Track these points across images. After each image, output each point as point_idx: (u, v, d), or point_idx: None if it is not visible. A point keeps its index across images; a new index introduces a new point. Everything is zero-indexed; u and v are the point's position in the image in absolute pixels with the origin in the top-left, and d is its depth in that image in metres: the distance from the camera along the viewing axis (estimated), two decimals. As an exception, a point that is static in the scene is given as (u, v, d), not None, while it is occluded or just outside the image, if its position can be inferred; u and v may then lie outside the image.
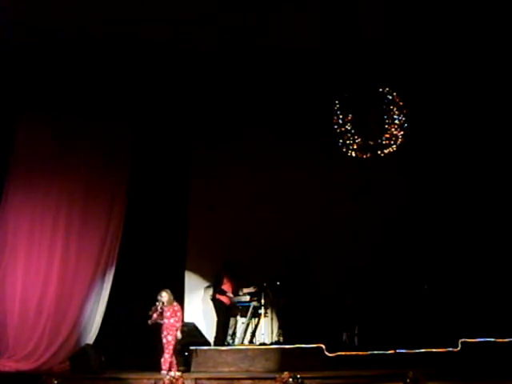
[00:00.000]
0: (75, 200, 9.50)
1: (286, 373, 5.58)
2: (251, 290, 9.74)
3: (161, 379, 7.77)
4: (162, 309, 8.58)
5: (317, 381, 7.42)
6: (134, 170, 10.06)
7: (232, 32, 8.30)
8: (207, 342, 9.40)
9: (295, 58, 8.90)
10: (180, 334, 8.55)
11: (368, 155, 8.62)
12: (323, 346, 8.48)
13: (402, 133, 8.50)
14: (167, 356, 8.57)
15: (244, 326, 9.71)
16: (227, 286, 9.81)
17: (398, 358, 8.22)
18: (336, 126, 8.65)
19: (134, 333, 9.67)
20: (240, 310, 9.94)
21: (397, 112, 8.47)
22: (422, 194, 10.14)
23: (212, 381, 8.02)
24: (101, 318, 9.41)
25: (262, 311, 9.60)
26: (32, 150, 9.37)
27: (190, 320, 9.92)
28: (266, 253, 10.08)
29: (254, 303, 9.62)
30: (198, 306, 10.39)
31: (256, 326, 9.72)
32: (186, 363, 8.83)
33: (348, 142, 8.59)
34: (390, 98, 8.48)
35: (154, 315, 8.62)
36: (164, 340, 8.58)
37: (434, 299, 9.35)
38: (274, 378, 5.89)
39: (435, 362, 8.02)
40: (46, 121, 9.54)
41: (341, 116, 8.58)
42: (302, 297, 9.80)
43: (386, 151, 8.55)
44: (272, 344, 9.27)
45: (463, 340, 8.23)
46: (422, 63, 9.09)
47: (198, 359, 8.80)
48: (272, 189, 10.40)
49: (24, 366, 8.55)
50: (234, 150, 10.67)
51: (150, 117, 10.10)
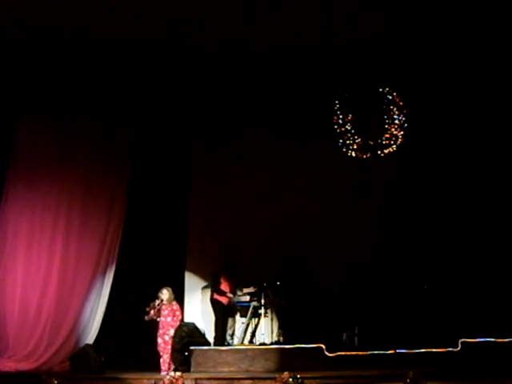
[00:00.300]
0: (75, 200, 9.50)
1: (286, 373, 5.55)
2: (251, 289, 9.73)
3: (161, 379, 7.77)
4: (159, 306, 8.59)
5: (317, 381, 7.40)
6: (134, 170, 10.06)
7: (232, 32, 8.30)
8: (207, 342, 9.38)
9: (295, 57, 8.91)
10: (173, 331, 8.56)
11: (368, 155, 8.63)
12: (323, 346, 8.45)
13: (401, 133, 8.51)
14: (166, 356, 8.59)
15: (244, 326, 9.70)
16: (225, 286, 9.79)
17: (397, 358, 8.19)
18: (336, 126, 8.65)
19: (134, 333, 9.68)
20: (239, 310, 9.94)
21: (397, 112, 8.47)
22: (421, 193, 10.13)
23: (212, 381, 7.99)
24: (101, 318, 9.40)
25: (262, 311, 9.58)
26: (32, 150, 9.37)
27: (189, 320, 9.92)
28: (266, 253, 10.08)
29: (254, 303, 9.60)
30: (197, 306, 10.39)
31: (256, 326, 9.70)
32: (186, 363, 8.81)
33: (348, 141, 8.60)
34: (390, 98, 8.49)
35: (151, 312, 8.63)
36: (160, 340, 8.60)
37: (434, 299, 9.33)
38: (274, 378, 5.86)
39: (435, 362, 8.00)
40: (46, 121, 9.53)
41: (341, 116, 8.59)
42: (302, 297, 9.79)
43: (386, 151, 8.56)
44: (272, 344, 9.26)
45: (463, 340, 8.20)
46: (422, 63, 9.09)
47: (198, 359, 8.77)
48: (272, 189, 10.40)
49: (24, 366, 8.53)
50: (234, 150, 10.67)
51: (150, 117, 10.10)
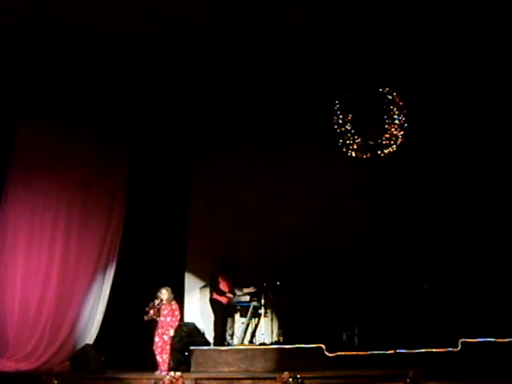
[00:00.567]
0: (75, 200, 9.50)
1: (286, 373, 5.54)
2: (251, 289, 9.72)
3: (161, 379, 7.76)
4: (159, 305, 8.58)
5: (317, 381, 7.39)
6: (134, 170, 10.06)
7: (232, 32, 8.30)
8: (207, 342, 9.39)
9: (295, 57, 8.91)
10: (172, 331, 8.57)
11: (368, 155, 8.63)
12: (323, 346, 8.45)
13: (401, 133, 8.51)
14: (165, 356, 8.59)
15: (244, 326, 9.70)
16: (223, 286, 9.77)
17: (397, 358, 8.20)
18: (336, 126, 8.65)
19: (134, 333, 9.68)
20: (239, 310, 9.94)
21: (397, 112, 8.47)
22: (421, 193, 10.13)
23: (212, 381, 7.99)
24: (101, 318, 9.39)
25: (262, 311, 9.58)
26: (32, 150, 9.38)
27: (189, 320, 9.93)
28: (266, 253, 10.07)
29: (254, 303, 9.60)
30: (197, 305, 10.38)
31: (256, 326, 9.70)
32: (186, 363, 8.81)
33: (348, 142, 8.60)
34: (390, 97, 8.49)
35: (151, 312, 8.63)
36: (159, 339, 8.58)
37: (434, 299, 9.33)
38: (273, 378, 5.85)
39: (435, 362, 8.00)
40: (46, 121, 9.54)
41: (341, 116, 8.59)
42: (302, 297, 9.78)
43: (386, 151, 8.56)
44: (272, 344, 9.25)
45: (463, 340, 8.21)
46: (421, 63, 9.09)
47: (198, 359, 8.77)
48: (272, 189, 10.40)
49: (24, 366, 8.54)
50: (234, 150, 10.67)
51: (150, 117, 10.10)
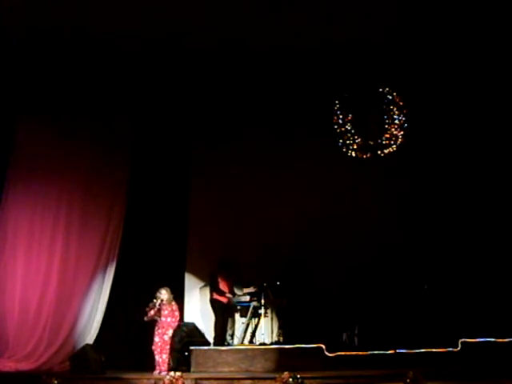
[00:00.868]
0: (75, 200, 9.50)
1: (286, 373, 5.54)
2: (251, 289, 9.72)
3: (161, 379, 7.77)
4: (160, 306, 8.58)
5: (317, 381, 7.39)
6: (134, 170, 10.06)
7: (232, 32, 8.30)
8: (207, 342, 9.38)
9: (295, 57, 8.91)
10: (171, 331, 8.58)
11: (368, 155, 8.63)
12: (323, 346, 8.45)
13: (401, 133, 8.52)
14: (165, 356, 8.59)
15: (244, 326, 9.70)
16: (223, 286, 9.77)
17: (398, 358, 8.19)
18: (336, 126, 8.66)
19: (134, 333, 9.67)
20: (239, 310, 9.94)
21: (397, 112, 8.48)
22: (421, 193, 10.13)
23: (212, 381, 7.99)
24: (101, 318, 9.39)
25: (262, 311, 9.58)
26: (32, 149, 9.36)
27: (189, 320, 9.93)
28: (266, 253, 10.07)
29: (254, 303, 9.59)
30: (197, 306, 10.38)
31: (256, 326, 9.69)
32: (186, 363, 8.81)
33: (348, 142, 8.60)
34: (390, 97, 8.50)
35: (151, 312, 8.63)
36: (158, 339, 8.59)
37: (434, 299, 9.33)
38: (273, 378, 5.85)
39: (435, 362, 8.00)
40: (46, 121, 9.53)
41: (341, 116, 8.59)
42: (302, 297, 9.78)
43: (386, 151, 8.57)
44: (272, 344, 9.25)
45: (463, 340, 8.20)
46: (421, 63, 9.10)
47: (198, 359, 8.77)
48: (272, 189, 10.39)
49: (24, 366, 8.53)
50: (233, 150, 10.66)
51: (150, 117, 10.11)
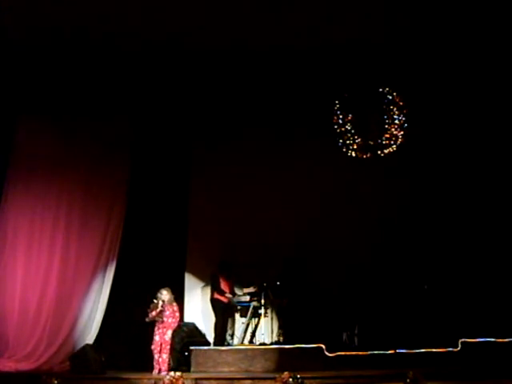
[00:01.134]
0: (75, 200, 9.50)
1: (286, 373, 5.53)
2: (251, 289, 9.72)
3: (161, 379, 7.77)
4: (162, 307, 8.60)
5: (317, 381, 7.39)
6: (134, 170, 10.06)
7: (232, 32, 8.30)
8: (207, 342, 9.38)
9: (295, 57, 8.91)
10: (171, 332, 8.60)
11: (368, 155, 8.64)
12: (323, 346, 8.45)
13: (402, 133, 8.52)
14: (165, 356, 8.61)
15: (244, 326, 9.69)
16: (224, 286, 9.76)
17: (398, 358, 8.18)
18: (336, 126, 8.66)
19: (134, 333, 9.67)
20: (239, 310, 9.93)
21: (397, 112, 8.48)
22: (421, 193, 10.12)
23: (212, 381, 8.00)
24: (101, 318, 9.39)
25: (262, 311, 9.58)
26: (32, 149, 9.37)
27: (190, 320, 9.92)
28: (266, 253, 10.06)
29: (254, 303, 9.59)
30: (197, 306, 10.37)
31: (256, 326, 9.69)
32: (186, 363, 8.81)
33: (348, 141, 8.61)
34: (390, 97, 8.50)
35: (153, 313, 8.64)
36: (159, 338, 8.61)
37: (434, 299, 9.33)
38: (273, 378, 5.84)
39: (435, 362, 8.00)
40: (46, 121, 9.54)
41: (341, 116, 8.59)
42: (302, 297, 9.78)
43: (386, 151, 8.57)
44: (272, 344, 9.25)
45: (463, 340, 8.20)
46: (421, 63, 9.09)
47: (198, 359, 8.77)
48: (272, 189, 10.39)
49: (24, 366, 8.54)
50: (233, 150, 10.66)
51: (150, 117, 10.10)
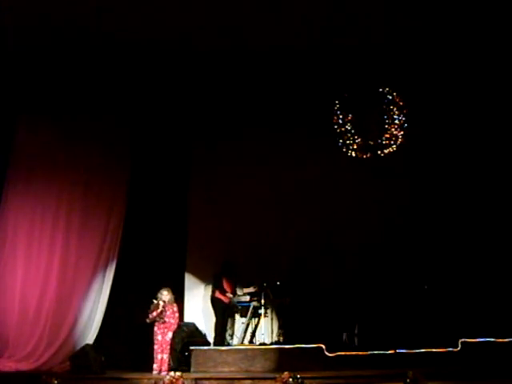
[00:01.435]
0: (75, 200, 9.49)
1: (286, 373, 5.54)
2: (251, 290, 9.72)
3: (161, 379, 7.77)
4: (164, 307, 8.60)
5: (317, 381, 7.39)
6: (134, 170, 10.06)
7: (232, 32, 8.30)
8: (207, 342, 9.39)
9: (295, 57, 8.91)
10: (171, 332, 8.62)
11: (368, 155, 8.64)
12: (323, 346, 8.45)
13: (401, 133, 8.52)
14: (165, 356, 8.61)
15: (244, 326, 9.69)
16: (226, 286, 9.77)
17: (398, 358, 8.18)
18: (336, 126, 8.66)
19: (134, 333, 9.68)
20: (239, 310, 9.93)
21: (397, 112, 8.48)
22: (421, 193, 10.13)
23: (212, 381, 8.00)
24: (101, 318, 9.39)
25: (262, 311, 9.58)
26: (32, 149, 9.35)
27: (190, 320, 9.93)
28: (266, 253, 10.07)
29: (254, 303, 9.60)
30: (198, 306, 10.38)
31: (256, 326, 9.69)
32: (186, 363, 8.82)
33: (348, 142, 8.61)
34: (390, 97, 8.50)
35: (154, 313, 8.64)
36: (161, 338, 8.61)
37: (434, 299, 9.33)
38: (273, 378, 5.85)
39: (435, 362, 8.00)
40: (46, 121, 9.53)
41: (341, 116, 8.60)
42: (303, 297, 9.78)
43: (386, 151, 8.57)
44: (272, 344, 9.25)
45: (463, 340, 8.20)
46: (421, 63, 9.09)
47: (198, 359, 8.77)
48: (272, 189, 10.40)
49: (24, 366, 8.53)
50: (234, 150, 10.67)
51: (150, 117, 10.10)
